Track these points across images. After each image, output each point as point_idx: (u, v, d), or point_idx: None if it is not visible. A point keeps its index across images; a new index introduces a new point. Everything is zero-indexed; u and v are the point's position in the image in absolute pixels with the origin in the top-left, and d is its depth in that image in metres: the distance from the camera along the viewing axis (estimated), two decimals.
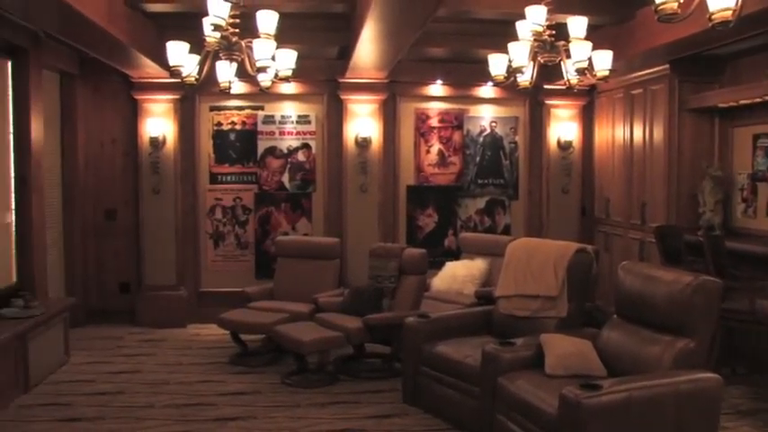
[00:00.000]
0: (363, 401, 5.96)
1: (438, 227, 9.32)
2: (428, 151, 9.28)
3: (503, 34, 6.11)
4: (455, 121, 9.30)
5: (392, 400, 5.96)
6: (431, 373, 5.61)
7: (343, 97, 8.87)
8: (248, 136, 9.05)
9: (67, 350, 7.20)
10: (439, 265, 8.15)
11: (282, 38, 5.55)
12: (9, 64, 6.85)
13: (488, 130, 9.34)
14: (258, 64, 5.28)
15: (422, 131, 9.27)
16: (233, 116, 9.05)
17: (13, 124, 6.95)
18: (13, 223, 6.97)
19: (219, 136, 9.06)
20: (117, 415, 5.63)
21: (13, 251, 7.00)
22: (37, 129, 7.18)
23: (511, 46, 5.46)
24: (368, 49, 6.87)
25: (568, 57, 5.45)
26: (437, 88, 9.22)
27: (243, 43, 5.37)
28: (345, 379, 6.56)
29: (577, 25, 5.38)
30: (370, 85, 8.77)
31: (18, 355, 6.09)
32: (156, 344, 7.96)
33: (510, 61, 5.53)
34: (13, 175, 6.96)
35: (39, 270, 7.23)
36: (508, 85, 6.07)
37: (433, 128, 9.28)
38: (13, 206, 6.96)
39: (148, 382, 6.48)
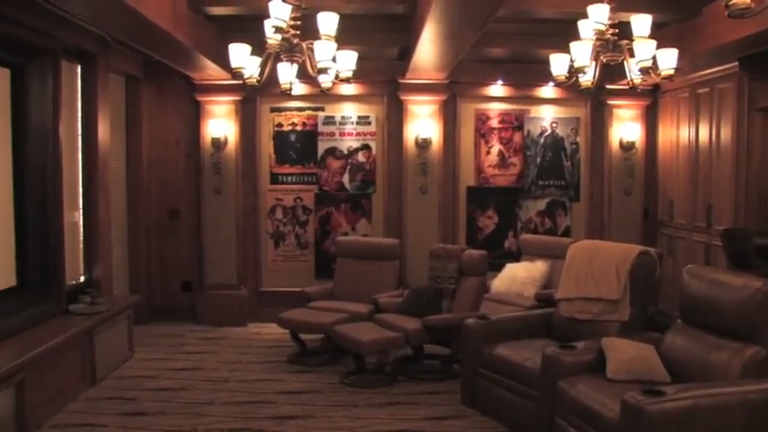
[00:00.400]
0: (421, 403, 5.94)
1: (498, 228, 9.24)
2: (488, 152, 9.22)
3: (564, 34, 6.02)
4: (516, 122, 9.21)
5: (450, 401, 5.94)
6: (490, 375, 5.57)
7: (403, 98, 8.87)
8: (309, 137, 9.11)
9: (131, 346, 7.37)
10: (499, 267, 8.08)
11: (343, 39, 5.57)
12: (78, 68, 7.03)
13: (549, 131, 9.23)
14: (319, 65, 5.31)
15: (482, 132, 9.20)
16: (293, 117, 9.12)
17: (82, 126, 7.14)
18: (81, 222, 7.15)
19: (280, 137, 9.14)
20: (179, 411, 5.73)
21: (81, 249, 7.18)
22: (103, 130, 7.36)
23: (573, 45, 5.39)
24: (428, 49, 6.85)
25: (632, 56, 5.33)
26: (497, 89, 9.14)
27: (304, 45, 5.40)
28: (404, 380, 6.55)
29: (641, 23, 5.25)
30: (431, 85, 8.75)
31: (85, 349, 6.27)
32: (217, 342, 8.07)
33: (572, 61, 5.45)
34: (81, 175, 7.14)
35: (105, 268, 7.41)
36: (569, 85, 5.98)
37: (494, 129, 9.21)
38: (81, 206, 7.14)
39: (209, 380, 6.58)
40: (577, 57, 5.34)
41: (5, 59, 5.97)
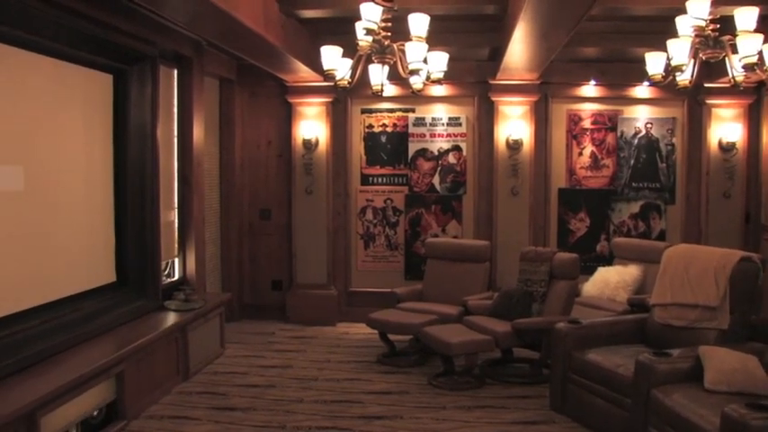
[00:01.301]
0: (510, 407, 5.87)
1: (590, 231, 9.05)
2: (580, 153, 9.03)
3: (661, 31, 5.84)
4: (609, 123, 9.00)
5: (539, 406, 5.84)
6: (580, 380, 5.45)
7: (494, 99, 8.78)
8: (399, 138, 9.13)
9: (223, 343, 7.54)
10: (590, 271, 7.89)
11: (434, 40, 5.55)
12: (175, 72, 7.25)
13: (644, 132, 8.97)
14: (410, 67, 5.30)
15: (574, 133, 9.03)
16: (384, 118, 9.15)
17: (178, 128, 7.35)
18: (176, 221, 7.36)
19: (371, 138, 9.19)
20: (268, 407, 5.82)
21: (176, 248, 7.38)
22: (198, 132, 7.56)
23: (670, 43, 5.20)
24: (519, 50, 6.76)
25: (734, 52, 5.10)
26: (590, 89, 8.95)
27: (395, 46, 5.40)
28: (492, 383, 6.49)
29: (746, 17, 5.01)
30: (522, 86, 8.63)
31: (179, 344, 6.46)
32: (307, 341, 8.17)
33: (668, 59, 5.27)
34: (176, 175, 7.35)
35: (198, 266, 7.60)
36: (666, 84, 5.78)
37: (586, 129, 9.02)
38: (177, 205, 7.35)
39: (298, 378, 6.67)
40: (675, 55, 5.15)
41: (108, 65, 6.25)
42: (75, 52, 5.68)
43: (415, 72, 5.41)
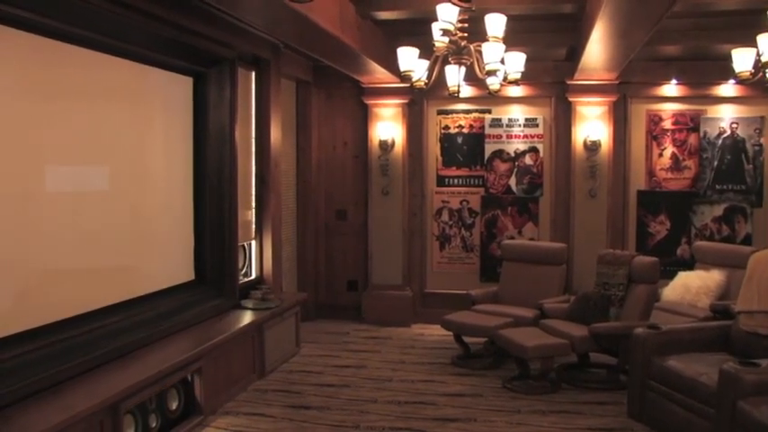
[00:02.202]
0: (586, 413, 5.76)
1: (670, 234, 8.81)
2: (661, 155, 8.80)
3: (749, 26, 5.64)
4: (690, 123, 8.74)
5: (616, 413, 5.71)
6: (659, 388, 5.30)
7: (571, 99, 8.64)
8: (475, 139, 9.07)
9: (298, 342, 7.62)
10: (670, 275, 7.68)
11: (510, 40, 5.49)
12: (253, 74, 7.36)
13: (728, 132, 8.68)
14: (487, 67, 5.24)
15: (654, 134, 8.81)
16: (460, 120, 9.11)
17: (255, 129, 7.47)
18: (254, 221, 7.47)
19: (447, 139, 9.16)
20: (342, 407, 5.86)
21: (254, 247, 7.50)
22: (275, 133, 7.66)
23: (760, 38, 5.01)
24: (598, 49, 6.63)
25: None
26: (671, 88, 8.70)
27: (472, 47, 5.37)
28: (568, 388, 6.38)
29: None
30: (600, 86, 8.46)
31: (256, 343, 6.57)
32: (381, 341, 8.19)
33: (758, 55, 5.08)
34: (254, 176, 7.47)
35: (275, 265, 7.71)
36: (754, 82, 5.57)
37: (667, 130, 8.79)
38: (254, 205, 7.47)
39: (372, 378, 6.69)
40: (765, 50, 4.96)
41: (189, 68, 6.42)
42: (157, 56, 5.86)
43: (492, 73, 5.34)
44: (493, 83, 5.89)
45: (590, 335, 6.33)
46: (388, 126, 9.04)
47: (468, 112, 9.09)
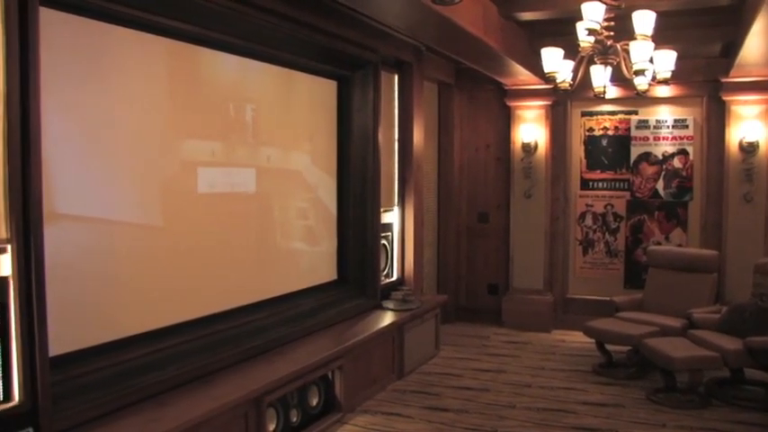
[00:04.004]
0: None
1: None
2: None
3: None
4: None
5: None
6: None
7: (725, 99, 8.19)
8: (621, 141, 8.79)
9: (438, 344, 7.65)
10: None
11: (659, 38, 5.29)
12: (395, 77, 7.46)
13: None
14: (635, 67, 5.08)
15: None
16: (605, 121, 8.86)
17: (398, 131, 7.56)
18: (396, 222, 7.56)
19: (591, 141, 8.93)
20: (480, 411, 5.84)
21: (395, 248, 7.59)
22: (418, 135, 7.72)
23: None
24: (758, 44, 6.24)
25: None
26: None
27: (618, 46, 5.22)
28: (719, 404, 6.04)
29: None
30: (760, 83, 7.95)
31: (396, 343, 6.64)
32: (521, 346, 8.09)
33: None
34: (396, 177, 7.56)
35: (416, 267, 7.76)
36: None
37: None
38: (396, 207, 7.55)
39: (511, 383, 6.62)
40: None
41: (334, 72, 6.64)
42: (304, 61, 6.10)
43: (640, 72, 5.17)
44: (641, 83, 5.71)
45: (745, 349, 5.97)
46: (530, 128, 8.92)
47: (613, 113, 8.82)
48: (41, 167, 3.36)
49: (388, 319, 6.62)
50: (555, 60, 5.42)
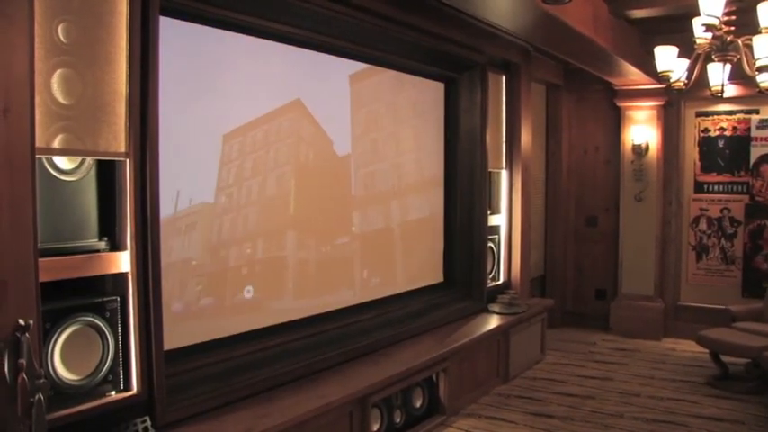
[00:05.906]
0: None
1: None
2: None
3: None
4: None
5: None
6: None
7: None
8: (740, 142, 8.42)
9: (543, 349, 7.54)
10: None
11: None
12: (503, 78, 7.39)
13: None
14: (758, 63, 4.83)
15: None
16: (722, 122, 8.51)
17: (506, 132, 7.49)
18: (504, 226, 7.49)
19: (706, 143, 8.59)
20: (585, 419, 5.71)
21: (502, 252, 7.52)
22: (526, 137, 7.63)
23: None
24: None
25: None
26: None
27: (739, 42, 4.99)
28: None
29: None
30: None
31: (501, 347, 6.60)
32: (629, 353, 7.87)
33: None
34: (504, 179, 7.49)
35: (523, 271, 7.67)
36: None
37: None
38: (503, 209, 7.48)
39: (619, 391, 6.45)
40: None
41: (441, 74, 6.67)
42: (413, 64, 6.15)
43: (764, 69, 4.93)
44: (764, 80, 5.43)
45: None
46: (641, 129, 8.66)
47: (731, 113, 8.46)
48: (159, 171, 3.49)
49: (493, 322, 6.57)
50: (669, 59, 5.24)
